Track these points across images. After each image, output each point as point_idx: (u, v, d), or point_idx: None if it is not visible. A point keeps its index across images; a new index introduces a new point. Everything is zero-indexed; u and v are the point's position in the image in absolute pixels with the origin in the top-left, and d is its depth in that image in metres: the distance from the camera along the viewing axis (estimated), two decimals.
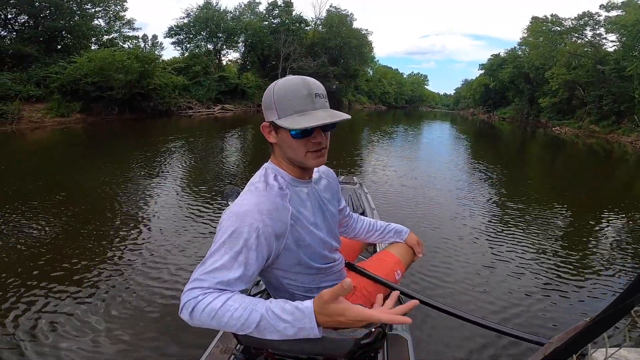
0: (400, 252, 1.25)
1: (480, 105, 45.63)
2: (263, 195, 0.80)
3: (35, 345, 1.83)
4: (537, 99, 29.16)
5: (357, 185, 2.93)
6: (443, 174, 6.73)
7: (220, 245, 0.72)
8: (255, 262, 0.74)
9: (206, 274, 0.70)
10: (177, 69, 21.68)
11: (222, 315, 0.67)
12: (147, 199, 4.42)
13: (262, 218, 0.75)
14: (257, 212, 0.75)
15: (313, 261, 0.89)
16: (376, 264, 1.19)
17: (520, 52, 33.78)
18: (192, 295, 0.69)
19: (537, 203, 5.00)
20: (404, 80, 74.09)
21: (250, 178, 0.90)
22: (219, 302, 0.67)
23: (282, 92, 0.79)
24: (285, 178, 0.86)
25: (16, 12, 15.44)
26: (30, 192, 4.48)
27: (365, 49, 37.36)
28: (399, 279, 1.18)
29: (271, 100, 0.80)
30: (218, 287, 0.70)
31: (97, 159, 7.39)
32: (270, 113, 0.81)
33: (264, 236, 0.75)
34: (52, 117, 13.04)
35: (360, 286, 1.09)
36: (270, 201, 0.79)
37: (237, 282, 0.71)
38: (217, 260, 0.71)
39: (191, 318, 0.69)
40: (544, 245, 3.45)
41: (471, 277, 2.70)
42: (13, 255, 2.80)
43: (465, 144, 14.03)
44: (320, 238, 0.90)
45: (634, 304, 0.43)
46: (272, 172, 0.87)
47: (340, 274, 1.02)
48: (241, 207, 0.77)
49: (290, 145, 0.82)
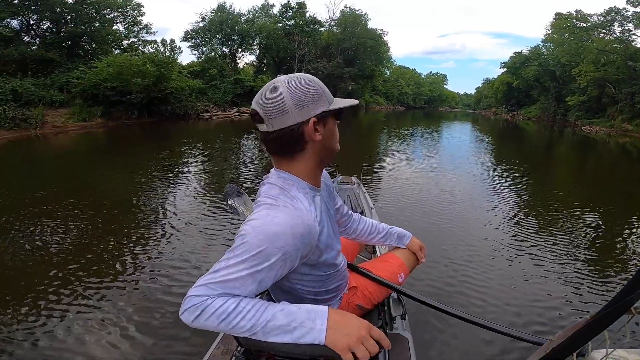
0: (404, 255, 1.24)
1: (503, 105, 44.16)
2: (296, 216, 0.73)
3: (54, 340, 1.90)
4: (564, 97, 28.22)
5: (355, 185, 2.91)
6: (466, 178, 6.34)
7: (240, 261, 0.67)
8: (272, 279, 0.72)
9: (216, 284, 0.68)
10: (194, 72, 21.96)
11: (234, 317, 0.66)
12: (167, 202, 4.46)
13: (294, 242, 0.71)
14: (291, 236, 0.70)
15: (324, 269, 0.90)
16: (379, 265, 1.19)
17: (545, 49, 32.74)
18: (199, 300, 0.67)
19: (566, 208, 4.54)
20: (423, 81, 72.90)
21: (261, 185, 0.85)
22: (231, 305, 0.66)
23: (320, 82, 0.80)
24: (305, 188, 0.83)
25: (38, 18, 15.95)
26: (56, 193, 4.67)
27: (381, 49, 36.89)
28: (402, 281, 1.17)
29: (318, 90, 0.78)
30: (225, 296, 0.68)
31: (118, 162, 7.51)
32: (319, 104, 0.77)
33: (290, 260, 0.72)
34: (74, 121, 13.33)
35: (361, 287, 1.09)
36: (305, 224, 0.73)
37: (247, 294, 0.70)
38: (232, 273, 0.68)
39: (194, 321, 0.67)
40: (574, 253, 3.09)
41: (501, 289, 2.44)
42: (39, 253, 2.90)
43: (488, 146, 13.39)
44: (334, 249, 0.91)
45: (634, 300, 0.43)
46: (292, 183, 0.81)
47: (344, 274, 1.02)
48: (274, 226, 0.70)
49: (334, 132, 0.84)
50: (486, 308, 2.26)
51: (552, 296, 2.43)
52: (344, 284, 1.04)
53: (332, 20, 35.88)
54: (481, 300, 2.34)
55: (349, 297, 1.07)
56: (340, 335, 0.66)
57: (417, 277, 2.51)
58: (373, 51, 35.30)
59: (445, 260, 2.86)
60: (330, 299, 0.99)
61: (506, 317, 2.18)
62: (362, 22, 34.86)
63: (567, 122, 27.64)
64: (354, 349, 0.65)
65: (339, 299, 1.03)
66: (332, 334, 0.66)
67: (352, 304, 1.07)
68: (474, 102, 76.03)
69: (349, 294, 1.07)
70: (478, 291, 2.44)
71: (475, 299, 2.35)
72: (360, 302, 1.08)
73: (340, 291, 1.03)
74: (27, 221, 3.58)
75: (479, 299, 2.35)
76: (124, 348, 1.85)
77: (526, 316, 2.19)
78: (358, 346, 0.66)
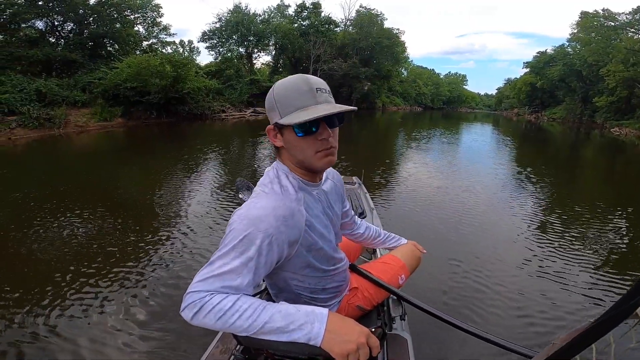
0: (405, 256, 1.24)
1: (526, 106, 42.63)
2: (279, 199, 0.76)
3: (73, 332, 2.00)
4: (591, 98, 27.13)
5: (356, 186, 2.93)
6: (486, 182, 6.08)
7: (230, 248, 0.70)
8: (264, 267, 0.73)
9: (214, 277, 0.68)
10: (210, 72, 22.24)
11: (231, 316, 0.66)
12: (185, 199, 4.56)
13: (277, 225, 0.72)
14: (273, 217, 0.72)
15: (322, 264, 0.89)
16: (380, 267, 1.18)
17: (570, 48, 31.53)
18: (198, 296, 0.67)
19: (594, 216, 4.24)
20: (441, 81, 71.43)
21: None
22: (228, 303, 0.66)
23: (282, 91, 0.77)
24: (296, 179, 0.84)
25: (62, 19, 16.44)
26: (79, 191, 4.86)
27: (397, 49, 36.32)
28: (402, 283, 1.18)
29: (272, 101, 0.79)
30: (224, 291, 0.68)
31: (138, 161, 7.73)
32: (274, 114, 0.79)
33: (276, 243, 0.73)
34: (96, 121, 13.69)
35: (362, 288, 1.09)
36: (287, 207, 0.76)
37: (245, 287, 0.70)
38: (226, 263, 0.69)
39: (193, 318, 0.67)
40: (603, 267, 2.84)
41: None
42: (63, 248, 3.05)
43: (510, 150, 12.88)
44: (330, 241, 0.90)
45: (639, 304, 0.42)
46: (283, 172, 0.84)
47: (344, 275, 1.02)
48: (256, 210, 0.73)
49: (297, 145, 0.79)
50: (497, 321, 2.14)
51: (578, 316, 2.22)
52: (344, 285, 1.03)
53: (348, 20, 35.64)
54: (494, 315, 2.20)
55: (350, 298, 1.07)
56: (339, 341, 0.66)
57: (436, 288, 2.41)
58: (389, 51, 34.75)
59: (469, 270, 2.72)
60: (329, 300, 0.98)
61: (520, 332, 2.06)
62: (378, 21, 34.40)
63: (595, 123, 26.53)
64: (351, 355, 0.66)
65: (338, 301, 1.02)
66: (330, 338, 0.66)
67: (352, 305, 1.06)
68: (494, 103, 73.91)
69: (349, 295, 1.07)
70: (493, 305, 2.29)
71: (487, 312, 2.22)
72: (360, 303, 1.08)
73: (341, 292, 1.02)
74: (50, 216, 3.76)
75: (491, 312, 2.21)
76: (130, 344, 1.91)
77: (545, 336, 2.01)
78: (355, 353, 0.66)
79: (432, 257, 2.88)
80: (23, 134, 11.00)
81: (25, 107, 11.51)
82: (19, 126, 11.09)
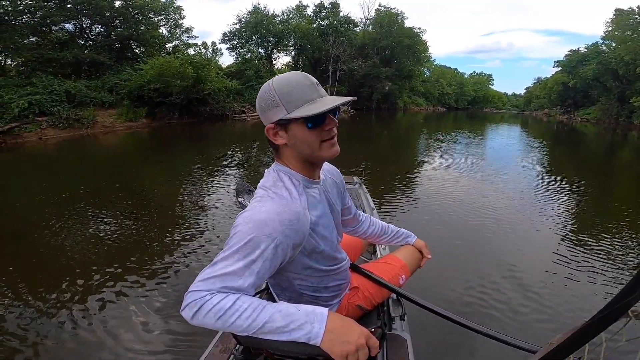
0: (406, 257, 1.24)
1: (557, 106, 40.58)
2: (285, 203, 0.76)
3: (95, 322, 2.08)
4: (628, 98, 25.53)
5: (356, 185, 2.94)
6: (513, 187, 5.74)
7: (234, 251, 0.70)
8: (268, 271, 0.73)
9: (215, 278, 0.68)
10: (231, 73, 22.50)
11: (231, 315, 0.66)
12: (206, 199, 4.64)
13: (283, 229, 0.72)
14: (279, 222, 0.72)
15: (323, 264, 0.89)
16: (381, 267, 1.19)
17: (604, 46, 29.79)
18: (198, 295, 0.67)
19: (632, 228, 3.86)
20: (466, 81, 69.24)
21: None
22: (228, 302, 0.66)
23: (286, 87, 0.77)
24: (299, 180, 0.84)
25: (90, 22, 17.07)
26: (107, 189, 5.10)
27: (419, 48, 35.48)
28: (403, 283, 1.18)
29: (274, 97, 0.77)
30: (225, 291, 0.68)
31: (162, 161, 7.96)
32: (275, 111, 0.78)
33: (281, 247, 0.72)
34: (122, 122, 14.11)
35: (363, 287, 1.09)
36: (292, 211, 0.75)
37: (246, 289, 0.70)
38: (228, 265, 0.69)
39: (193, 318, 0.68)
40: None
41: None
42: (90, 245, 3.19)
43: (545, 156, 12.21)
44: (331, 242, 0.90)
45: (631, 303, 0.43)
46: (285, 174, 0.84)
47: (345, 274, 1.03)
48: (261, 214, 0.73)
49: (305, 139, 0.79)
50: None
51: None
52: (345, 284, 1.03)
53: (367, 19, 35.19)
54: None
55: (350, 297, 1.07)
56: (339, 342, 0.66)
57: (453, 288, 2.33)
58: (411, 50, 33.97)
59: (492, 279, 2.61)
60: (331, 299, 0.98)
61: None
62: (398, 20, 33.67)
63: (632, 124, 25.03)
64: (350, 356, 0.66)
65: (339, 299, 1.02)
66: (329, 338, 0.66)
67: (352, 304, 1.06)
68: (523, 103, 70.91)
69: (350, 294, 1.07)
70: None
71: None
72: (360, 303, 1.08)
73: (342, 291, 1.02)
74: (80, 212, 4.00)
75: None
76: (130, 344, 1.92)
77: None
78: (354, 354, 0.66)
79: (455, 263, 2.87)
80: (53, 134, 11.46)
81: (55, 107, 11.98)
82: (49, 126, 11.55)
